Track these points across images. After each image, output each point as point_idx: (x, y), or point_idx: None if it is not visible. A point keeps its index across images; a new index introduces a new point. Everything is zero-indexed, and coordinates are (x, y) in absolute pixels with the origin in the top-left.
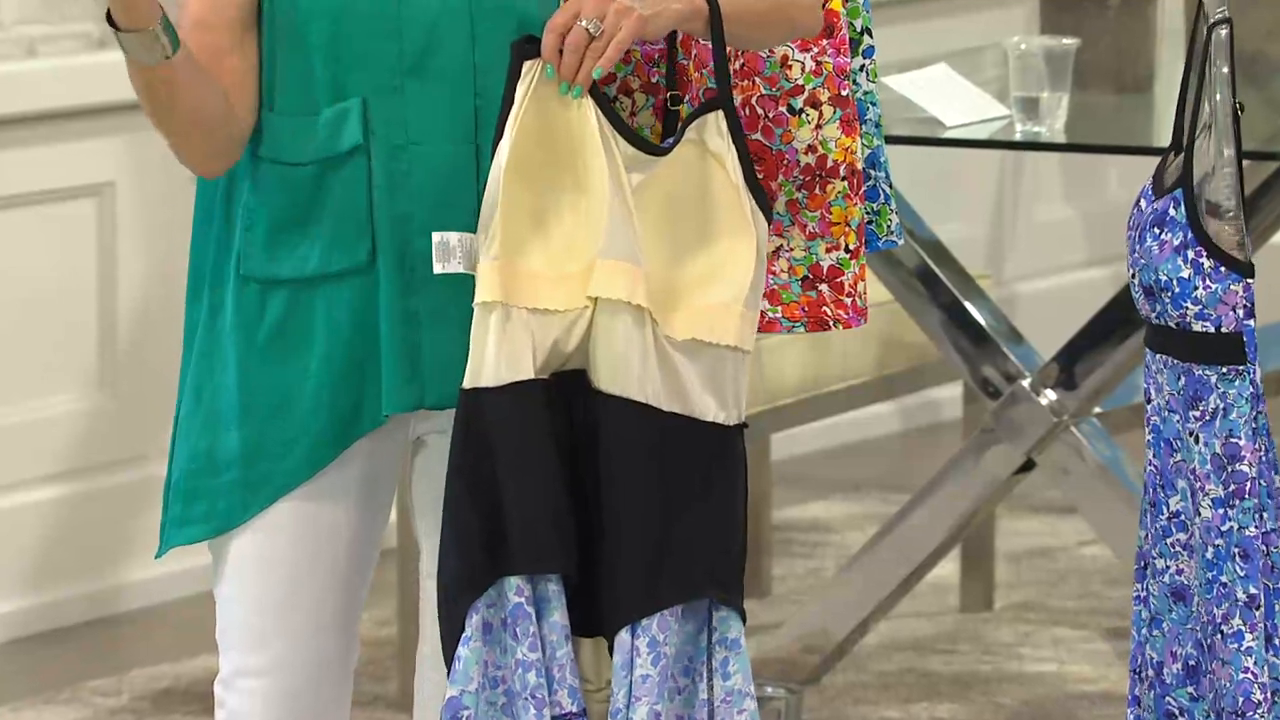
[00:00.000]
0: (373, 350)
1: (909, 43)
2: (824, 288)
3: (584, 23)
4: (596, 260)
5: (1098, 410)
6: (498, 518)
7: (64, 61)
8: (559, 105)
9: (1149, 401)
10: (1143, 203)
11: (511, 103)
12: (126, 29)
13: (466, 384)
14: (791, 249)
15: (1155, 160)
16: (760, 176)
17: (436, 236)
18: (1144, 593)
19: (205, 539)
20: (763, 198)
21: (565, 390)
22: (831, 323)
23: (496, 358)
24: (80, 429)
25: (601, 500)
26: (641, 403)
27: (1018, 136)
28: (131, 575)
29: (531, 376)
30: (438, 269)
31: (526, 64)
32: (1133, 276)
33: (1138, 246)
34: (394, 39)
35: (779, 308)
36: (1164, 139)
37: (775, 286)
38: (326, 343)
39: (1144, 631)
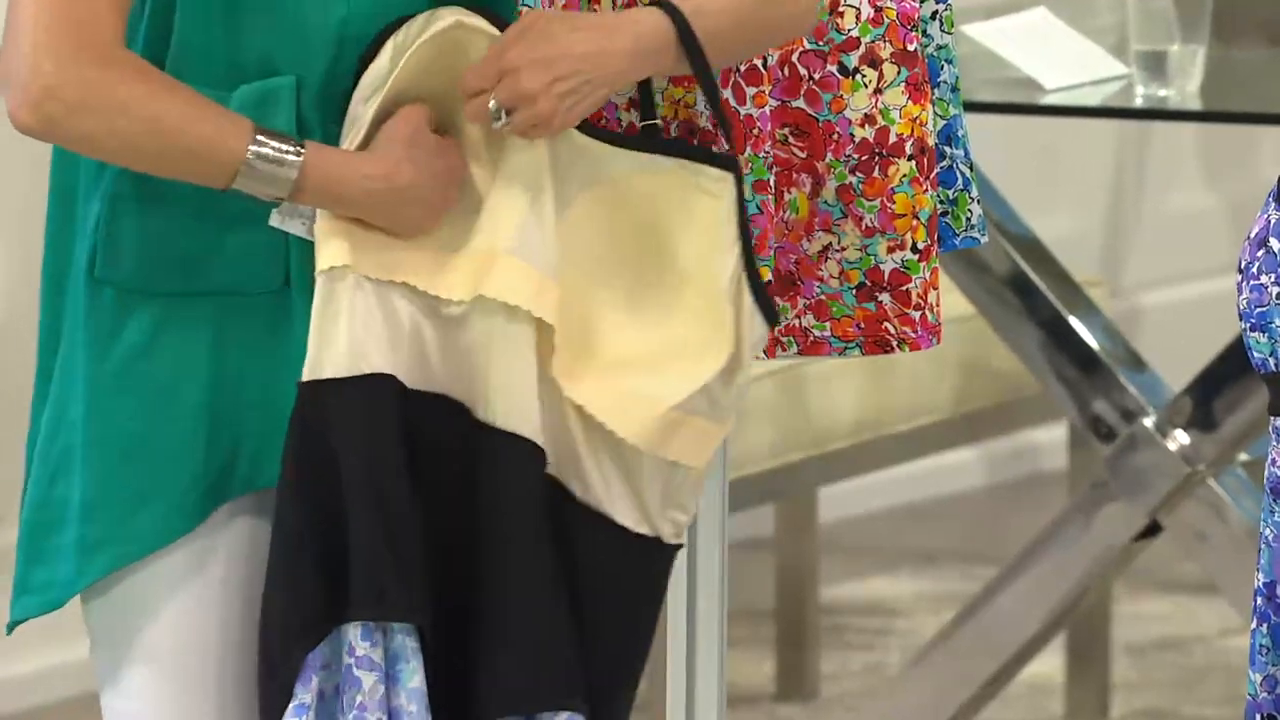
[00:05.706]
0: (268, 395)
1: None
2: (885, 298)
3: (492, 104)
4: (500, 255)
5: (1244, 458)
6: (338, 543)
7: None
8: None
9: None
10: (1275, 238)
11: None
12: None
13: (306, 376)
14: (844, 248)
15: None
16: (804, 155)
17: None
18: None
19: (40, 613)
20: (765, 297)
21: (429, 417)
22: (895, 343)
23: (348, 340)
24: None
25: (482, 563)
26: (540, 446)
27: (1139, 102)
28: None
29: (388, 371)
30: (273, 221)
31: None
32: None
33: None
34: (337, 2)
35: (828, 323)
36: None
37: (823, 296)
38: (211, 375)
39: None
